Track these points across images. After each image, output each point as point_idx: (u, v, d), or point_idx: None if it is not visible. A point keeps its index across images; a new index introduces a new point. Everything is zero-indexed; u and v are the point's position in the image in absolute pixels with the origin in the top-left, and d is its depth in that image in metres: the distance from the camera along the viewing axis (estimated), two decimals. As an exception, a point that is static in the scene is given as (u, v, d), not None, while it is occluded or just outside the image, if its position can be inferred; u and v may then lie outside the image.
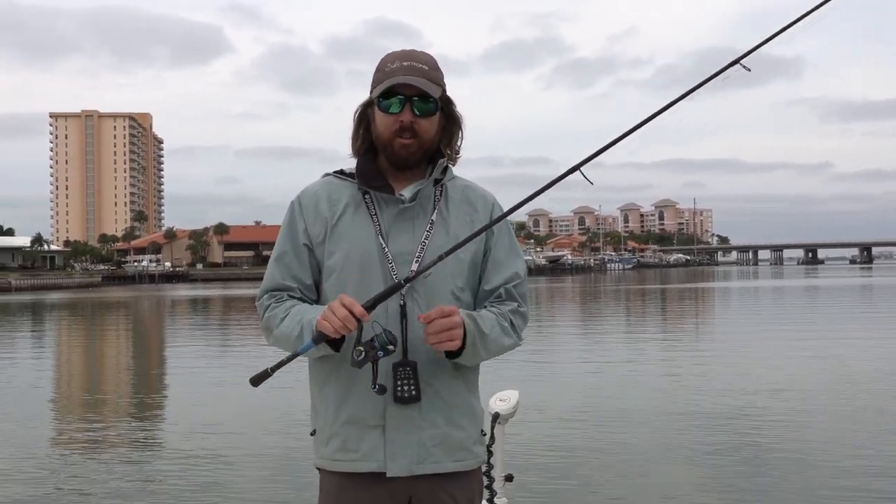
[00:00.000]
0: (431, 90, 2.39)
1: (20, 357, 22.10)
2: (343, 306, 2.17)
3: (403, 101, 2.38)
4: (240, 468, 8.35)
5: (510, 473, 3.88)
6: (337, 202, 2.46)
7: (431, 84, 2.40)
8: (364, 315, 2.18)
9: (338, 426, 2.36)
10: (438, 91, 2.42)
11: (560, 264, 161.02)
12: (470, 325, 2.32)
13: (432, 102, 2.41)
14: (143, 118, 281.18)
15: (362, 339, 2.20)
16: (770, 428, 9.90)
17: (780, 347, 19.19)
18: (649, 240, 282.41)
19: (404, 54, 2.44)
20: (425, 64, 2.43)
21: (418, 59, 2.43)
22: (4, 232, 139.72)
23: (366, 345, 2.19)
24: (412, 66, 2.40)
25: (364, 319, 2.19)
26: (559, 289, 69.70)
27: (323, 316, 2.20)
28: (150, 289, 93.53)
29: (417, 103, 2.39)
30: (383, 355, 2.20)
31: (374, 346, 2.19)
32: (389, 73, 2.39)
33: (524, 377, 14.14)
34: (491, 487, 3.62)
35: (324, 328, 2.19)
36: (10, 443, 9.97)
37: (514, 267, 2.52)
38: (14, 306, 52.33)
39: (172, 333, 30.30)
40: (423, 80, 2.38)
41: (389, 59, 2.45)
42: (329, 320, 2.18)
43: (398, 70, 2.39)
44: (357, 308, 2.17)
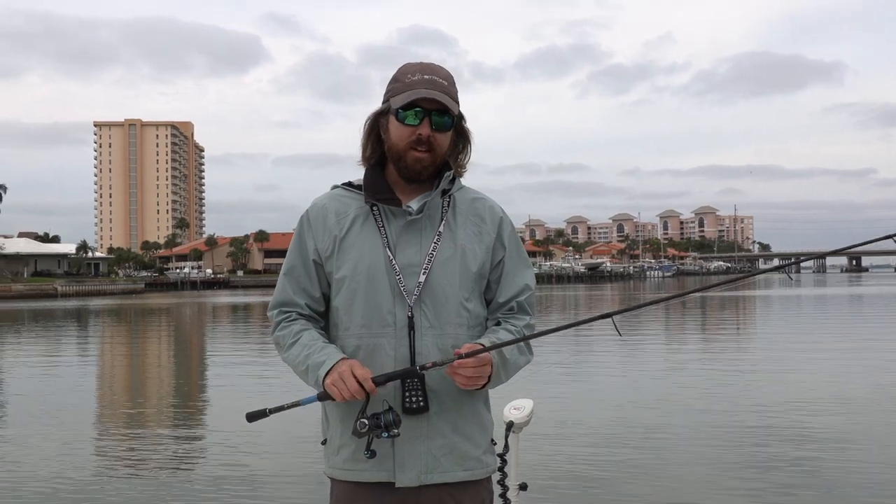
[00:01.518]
0: (452, 107, 2.40)
1: (65, 363, 22.52)
2: (355, 378, 2.21)
3: (423, 114, 2.38)
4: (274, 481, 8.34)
5: (524, 482, 3.86)
6: (345, 216, 2.48)
7: (451, 100, 2.41)
8: (373, 391, 2.22)
9: (348, 436, 2.38)
10: (457, 108, 2.44)
11: (599, 272, 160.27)
12: (496, 360, 2.36)
13: (449, 118, 2.42)
14: (185, 126, 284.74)
15: (367, 412, 2.23)
16: (811, 443, 9.61)
17: (824, 358, 18.75)
18: (689, 247, 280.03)
19: (424, 67, 2.45)
20: (445, 79, 2.44)
21: (438, 73, 2.44)
22: (50, 239, 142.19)
23: (371, 419, 2.22)
24: (433, 80, 2.40)
25: (373, 394, 2.23)
26: (598, 296, 69.33)
27: (332, 380, 2.23)
28: (191, 295, 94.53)
29: (436, 117, 2.40)
30: (386, 437, 2.22)
31: (380, 423, 2.21)
32: (410, 85, 2.40)
33: (549, 385, 14.03)
34: (505, 496, 3.62)
35: (331, 392, 2.24)
36: (51, 447, 10.18)
37: (525, 279, 2.54)
38: (60, 312, 53.22)
39: (213, 340, 30.66)
40: (445, 95, 2.39)
41: (409, 70, 2.45)
42: (338, 387, 2.22)
43: (419, 83, 2.39)
44: (368, 384, 2.21)
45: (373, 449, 2.26)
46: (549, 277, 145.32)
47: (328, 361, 2.30)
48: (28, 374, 18.83)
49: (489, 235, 2.50)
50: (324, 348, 2.36)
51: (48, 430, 11.34)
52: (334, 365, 2.28)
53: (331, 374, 2.27)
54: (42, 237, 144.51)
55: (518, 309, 2.52)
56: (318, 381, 2.31)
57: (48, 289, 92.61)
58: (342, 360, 2.30)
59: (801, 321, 33.37)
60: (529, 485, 3.86)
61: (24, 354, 24.52)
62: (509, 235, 2.56)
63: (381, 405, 2.26)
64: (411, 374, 2.28)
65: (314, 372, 2.32)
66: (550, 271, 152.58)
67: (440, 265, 2.40)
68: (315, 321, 2.51)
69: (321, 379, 2.29)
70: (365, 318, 2.40)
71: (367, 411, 2.24)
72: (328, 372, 2.28)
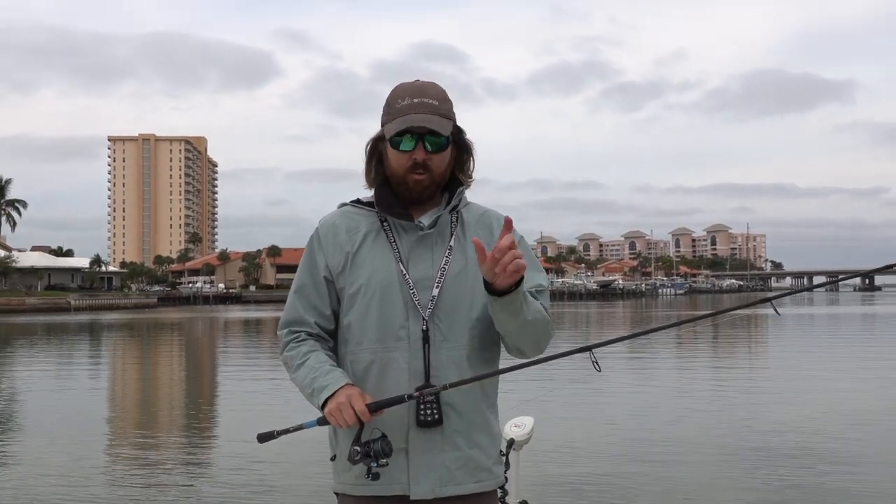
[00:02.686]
0: (443, 128, 2.40)
1: (77, 377, 22.67)
2: (352, 408, 2.23)
3: (416, 138, 2.39)
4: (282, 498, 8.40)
5: (525, 500, 3.89)
6: (356, 231, 2.49)
7: (443, 120, 2.41)
8: (368, 419, 2.25)
9: None
10: (449, 126, 2.43)
11: (611, 289, 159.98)
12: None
13: (444, 138, 2.42)
14: (199, 142, 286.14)
15: (361, 438, 2.27)
16: (824, 465, 9.52)
17: (838, 379, 18.54)
18: (701, 265, 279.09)
19: (414, 89, 2.44)
20: (435, 98, 2.43)
21: (427, 94, 2.43)
22: (64, 253, 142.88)
23: (363, 446, 2.25)
24: (422, 103, 2.40)
25: (365, 420, 2.25)
26: (610, 314, 69.23)
27: (330, 409, 2.26)
28: (204, 310, 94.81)
29: (430, 139, 2.40)
30: (375, 466, 2.26)
31: (370, 453, 2.24)
32: (400, 111, 2.40)
33: (551, 403, 13.90)
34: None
35: (331, 420, 2.28)
36: (63, 460, 10.29)
37: (537, 279, 2.51)
38: (73, 326, 53.47)
39: (225, 355, 30.78)
40: (435, 117, 2.39)
41: (399, 93, 2.45)
42: (336, 417, 2.25)
43: (408, 108, 2.39)
44: (365, 416, 2.24)
45: (375, 472, 2.27)
46: (562, 295, 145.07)
47: (330, 387, 2.31)
48: (42, 388, 18.98)
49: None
50: (329, 372, 2.37)
51: (60, 443, 11.45)
52: (335, 392, 2.29)
53: (331, 401, 2.28)
54: (56, 251, 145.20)
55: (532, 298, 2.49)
56: (319, 405, 2.33)
57: (62, 302, 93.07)
58: (344, 387, 2.31)
59: (813, 340, 33.25)
60: (530, 502, 3.89)
61: (38, 368, 24.67)
62: (518, 242, 2.46)
63: (372, 433, 2.27)
64: (400, 401, 2.29)
65: (317, 396, 2.33)
66: (562, 288, 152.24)
67: (453, 279, 2.42)
68: (324, 341, 2.52)
69: (321, 404, 2.31)
70: (378, 332, 2.40)
71: (361, 438, 2.27)
72: (329, 398, 2.29)
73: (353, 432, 2.29)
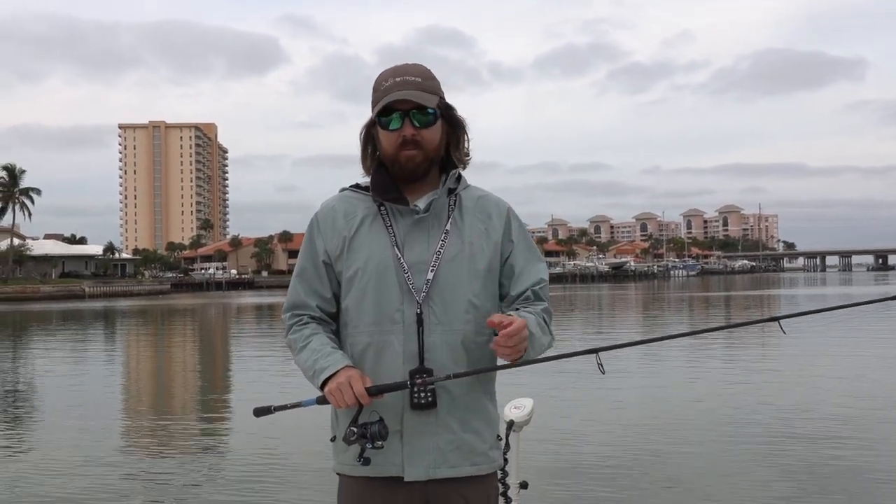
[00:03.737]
0: (427, 101, 2.44)
1: (94, 363, 22.89)
2: (352, 389, 2.28)
3: (402, 116, 2.44)
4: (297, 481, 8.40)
5: (525, 481, 3.89)
6: (353, 216, 2.53)
7: (426, 94, 2.45)
8: (367, 403, 2.30)
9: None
10: (434, 100, 2.47)
11: (623, 271, 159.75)
12: (532, 327, 2.38)
13: (431, 113, 2.46)
14: (209, 128, 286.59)
15: (359, 420, 2.31)
16: (839, 451, 9.34)
17: (853, 362, 18.31)
18: (713, 246, 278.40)
19: (396, 70, 2.50)
20: (418, 76, 2.48)
21: (409, 72, 2.49)
22: (77, 240, 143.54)
23: (360, 428, 2.29)
24: (405, 81, 2.45)
25: (365, 403, 2.30)
26: (621, 296, 69.22)
27: (330, 389, 2.31)
28: (217, 296, 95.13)
29: (416, 115, 2.44)
30: (370, 447, 2.29)
31: (366, 434, 2.28)
32: (384, 92, 2.45)
33: (552, 385, 13.90)
34: (506, 494, 3.63)
35: (330, 400, 2.33)
36: (79, 446, 10.45)
37: (539, 273, 2.57)
38: (88, 313, 53.82)
39: (238, 339, 31.00)
40: (417, 91, 2.44)
41: (383, 77, 2.51)
42: (336, 396, 2.30)
43: (392, 87, 2.45)
44: (364, 398, 2.28)
45: (366, 457, 2.31)
46: (573, 277, 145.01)
47: (330, 368, 2.36)
48: (59, 374, 19.20)
49: (496, 231, 2.55)
50: (330, 354, 2.42)
51: (75, 427, 11.64)
52: (335, 373, 2.34)
53: (331, 382, 2.33)
54: (69, 239, 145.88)
55: (534, 297, 2.55)
56: (319, 386, 2.38)
57: (76, 290, 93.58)
58: (344, 368, 2.36)
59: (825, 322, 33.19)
60: (530, 483, 3.90)
61: (55, 355, 24.93)
62: (517, 230, 2.60)
63: (370, 416, 2.32)
64: (402, 386, 2.34)
65: (317, 377, 2.38)
66: (574, 271, 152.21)
67: (448, 262, 2.45)
68: (326, 323, 2.57)
69: (320, 384, 2.37)
70: (374, 315, 2.44)
71: (359, 420, 2.30)
72: (329, 378, 2.35)
73: (352, 414, 2.33)
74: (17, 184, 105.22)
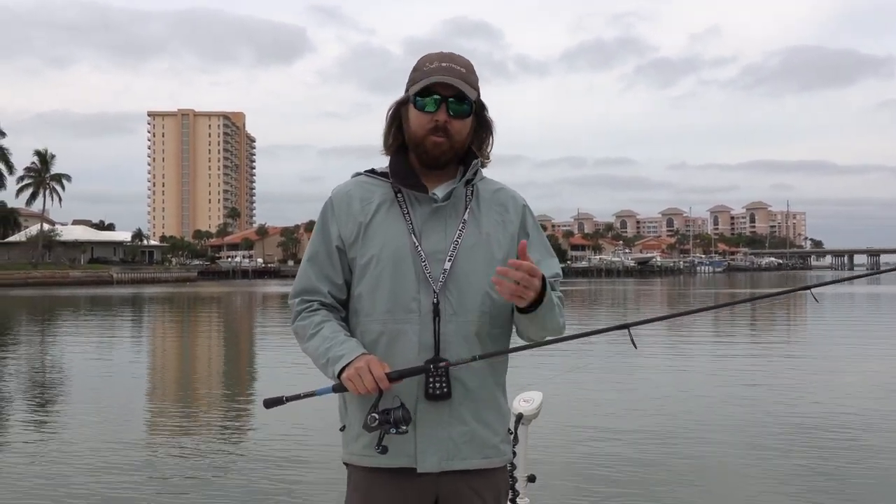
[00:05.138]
0: (468, 92, 2.41)
1: (120, 350, 23.16)
2: (371, 374, 2.23)
3: (440, 100, 2.40)
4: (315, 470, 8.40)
5: (533, 474, 3.90)
6: (369, 202, 2.48)
7: (468, 86, 2.42)
8: (388, 388, 2.25)
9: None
10: (475, 94, 2.44)
11: (649, 266, 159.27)
12: (548, 287, 2.34)
13: (467, 104, 2.43)
14: (237, 117, 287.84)
15: (379, 406, 2.26)
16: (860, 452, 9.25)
17: (876, 359, 18.26)
18: (740, 242, 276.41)
19: (443, 56, 2.46)
20: (463, 67, 2.45)
21: (456, 61, 2.46)
22: (106, 227, 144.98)
23: (382, 414, 2.24)
24: (451, 68, 2.42)
25: (386, 389, 2.25)
26: (647, 291, 68.95)
27: (349, 375, 2.25)
28: (243, 284, 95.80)
29: (453, 104, 2.41)
30: (395, 433, 2.25)
31: (389, 420, 2.24)
32: (428, 73, 2.41)
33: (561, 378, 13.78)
34: (514, 488, 3.63)
35: (348, 386, 2.26)
36: (104, 432, 10.58)
37: (554, 267, 2.54)
38: (116, 299, 54.33)
39: (262, 327, 31.21)
40: (461, 81, 2.41)
41: (428, 59, 2.46)
42: (355, 382, 2.24)
43: (437, 70, 2.41)
44: (384, 382, 2.23)
45: (384, 445, 2.27)
46: (599, 271, 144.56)
47: (347, 356, 2.31)
48: (85, 359, 19.47)
49: (513, 224, 2.53)
50: (345, 342, 2.37)
51: (101, 412, 11.83)
52: (353, 360, 2.29)
53: (348, 368, 2.27)
54: (97, 225, 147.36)
55: (550, 286, 2.48)
56: (334, 374, 2.32)
57: (104, 276, 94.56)
58: (361, 355, 2.31)
59: (853, 320, 32.94)
60: (538, 477, 3.93)
61: (82, 340, 25.24)
62: (532, 225, 2.58)
63: (392, 401, 2.27)
64: (424, 370, 2.31)
65: (333, 365, 2.33)
66: (600, 265, 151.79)
67: (465, 252, 2.41)
68: (336, 311, 2.51)
69: (337, 372, 2.31)
70: (389, 303, 2.40)
71: (379, 406, 2.26)
72: (346, 366, 2.29)
73: (366, 403, 2.30)
74: (48, 169, 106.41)
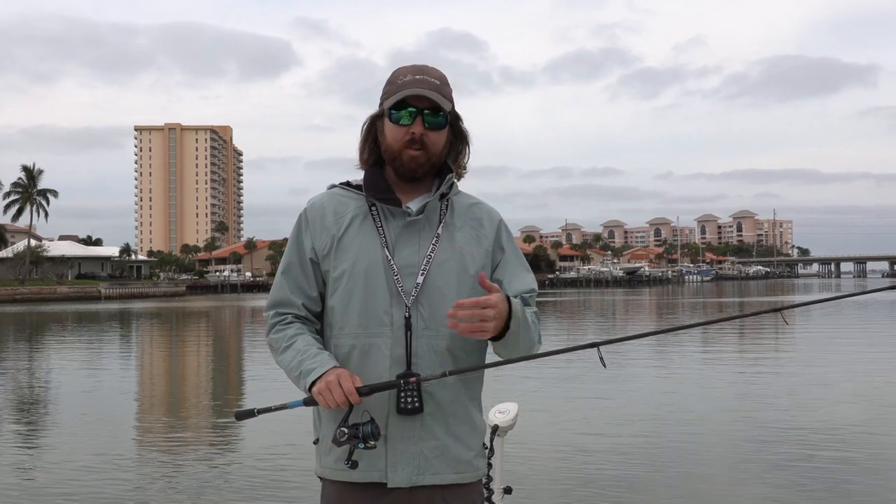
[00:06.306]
0: (443, 103, 2.41)
1: (108, 366, 23.07)
2: (341, 388, 2.22)
3: (415, 113, 2.40)
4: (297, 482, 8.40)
5: (509, 486, 3.91)
6: (343, 215, 2.48)
7: (442, 98, 2.42)
8: (358, 402, 2.23)
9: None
10: (449, 105, 2.44)
11: (637, 276, 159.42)
12: (517, 307, 2.30)
13: (442, 116, 2.43)
14: (224, 131, 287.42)
15: (349, 421, 2.24)
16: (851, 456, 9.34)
17: (867, 369, 18.23)
18: (727, 251, 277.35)
19: (416, 68, 2.46)
20: (437, 79, 2.45)
21: (430, 73, 2.45)
22: (93, 242, 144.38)
23: (351, 428, 2.23)
24: (425, 80, 2.42)
25: (356, 404, 2.24)
26: (636, 301, 69.08)
27: (319, 389, 2.24)
28: (232, 298, 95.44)
29: (428, 116, 2.41)
30: (363, 448, 2.23)
31: (358, 434, 2.22)
32: (402, 86, 2.41)
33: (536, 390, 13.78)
34: (490, 500, 3.64)
35: (318, 400, 2.25)
36: (94, 444, 10.58)
37: (530, 283, 2.53)
38: (104, 315, 54.07)
39: (252, 341, 31.15)
40: (435, 93, 2.40)
41: (402, 72, 2.46)
42: (325, 395, 2.23)
43: (411, 83, 2.41)
44: (354, 396, 2.21)
45: (354, 459, 2.25)
46: (588, 282, 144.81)
47: (318, 369, 2.29)
48: (75, 375, 19.40)
49: (487, 239, 2.51)
50: (317, 355, 2.35)
51: (90, 427, 11.78)
52: (324, 374, 2.27)
53: (319, 381, 2.26)
54: (85, 240, 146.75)
55: (524, 302, 2.47)
56: (306, 387, 2.31)
57: (92, 291, 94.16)
58: (332, 369, 2.29)
59: (840, 328, 33.08)
60: (514, 489, 3.93)
61: (70, 356, 25.12)
62: (507, 240, 2.57)
63: (361, 416, 2.26)
64: (395, 385, 2.29)
65: (304, 378, 2.31)
66: (589, 275, 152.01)
67: (438, 267, 2.40)
68: (311, 323, 2.51)
69: (308, 385, 2.29)
70: (361, 317, 2.39)
71: (349, 420, 2.24)
72: (317, 380, 2.28)
73: (338, 416, 2.28)
74: (35, 184, 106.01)
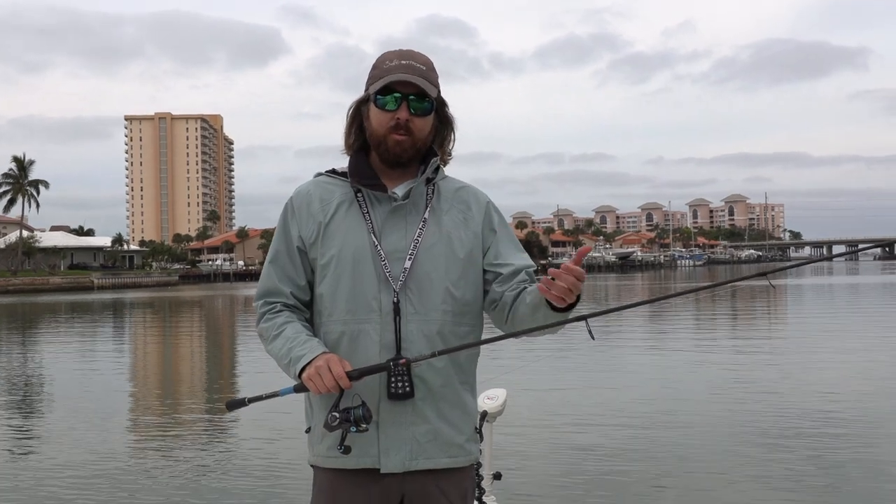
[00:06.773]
0: (429, 89, 2.40)
1: (102, 356, 23.05)
2: (331, 372, 2.22)
3: (400, 98, 2.39)
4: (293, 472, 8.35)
5: (498, 472, 3.92)
6: (329, 202, 2.48)
7: (428, 83, 2.41)
8: (348, 387, 2.23)
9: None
10: (435, 91, 2.43)
11: (630, 261, 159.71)
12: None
13: (428, 102, 2.42)
14: (215, 119, 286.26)
15: (340, 405, 2.24)
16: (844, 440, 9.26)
17: (857, 350, 18.16)
18: (719, 236, 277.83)
19: (402, 53, 2.45)
20: (423, 64, 2.44)
21: (416, 58, 2.44)
22: (85, 232, 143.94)
23: (342, 413, 2.22)
24: (410, 65, 2.41)
25: (346, 388, 2.24)
26: (628, 286, 69.24)
27: (309, 374, 2.24)
28: (225, 287, 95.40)
29: (414, 102, 2.40)
30: (355, 431, 2.23)
31: (349, 418, 2.21)
32: (387, 71, 2.40)
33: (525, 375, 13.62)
34: (479, 485, 3.64)
35: (308, 386, 2.25)
36: (87, 437, 10.59)
37: (528, 261, 2.52)
38: (97, 305, 53.96)
39: (245, 330, 31.15)
40: (421, 79, 2.39)
41: (387, 57, 2.45)
42: (315, 381, 2.22)
43: (396, 68, 2.40)
44: (344, 380, 2.21)
45: (346, 444, 2.25)
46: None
47: (307, 355, 2.30)
48: (69, 366, 19.40)
49: (475, 222, 2.51)
50: (306, 342, 2.36)
51: (84, 420, 11.79)
52: (313, 359, 2.28)
53: (309, 367, 2.26)
54: (77, 231, 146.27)
55: (530, 279, 2.48)
56: (296, 374, 2.31)
57: (85, 281, 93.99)
58: (321, 354, 2.30)
59: (831, 310, 33.21)
60: (503, 474, 3.96)
61: (67, 347, 25.10)
62: (499, 222, 2.57)
63: (353, 400, 2.25)
64: (385, 368, 2.30)
65: (294, 365, 2.32)
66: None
67: (425, 251, 2.40)
68: (300, 311, 2.51)
69: (298, 372, 2.30)
70: (349, 303, 2.39)
71: (340, 405, 2.24)
72: (307, 366, 2.28)
73: (329, 402, 2.28)
74: (26, 175, 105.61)
